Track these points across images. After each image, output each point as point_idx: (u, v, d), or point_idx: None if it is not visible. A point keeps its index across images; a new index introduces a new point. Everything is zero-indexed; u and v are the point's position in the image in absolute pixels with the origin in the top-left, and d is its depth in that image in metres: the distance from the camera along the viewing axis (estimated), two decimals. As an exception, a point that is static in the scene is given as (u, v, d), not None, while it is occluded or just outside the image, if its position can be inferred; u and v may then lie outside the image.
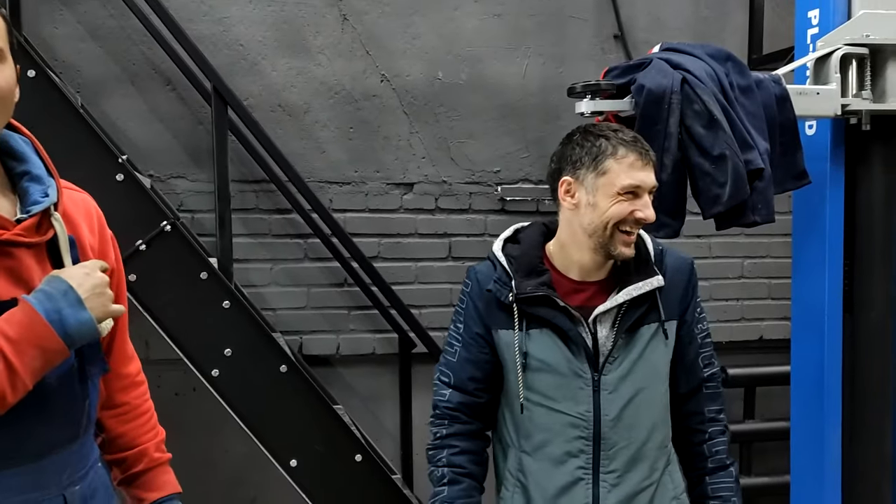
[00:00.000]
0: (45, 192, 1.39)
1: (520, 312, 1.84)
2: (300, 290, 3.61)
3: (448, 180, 3.73)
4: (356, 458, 2.92)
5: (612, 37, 3.77)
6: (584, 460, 1.82)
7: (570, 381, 1.82)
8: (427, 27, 3.66)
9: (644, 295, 1.80)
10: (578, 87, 2.27)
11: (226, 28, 3.47)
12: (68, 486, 1.44)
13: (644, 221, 1.76)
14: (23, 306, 1.26)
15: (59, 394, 1.40)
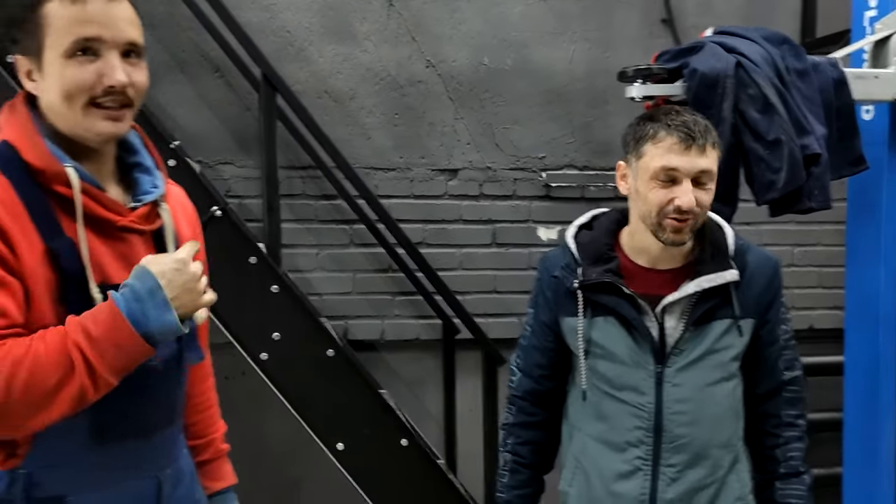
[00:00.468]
0: (154, 183, 1.45)
1: (585, 299, 1.83)
2: (346, 275, 3.64)
3: (493, 166, 3.72)
4: (402, 443, 2.95)
5: (660, 21, 3.72)
6: (644, 451, 1.81)
7: (632, 370, 1.80)
8: (473, 12, 3.64)
9: (717, 288, 1.76)
10: (630, 72, 2.24)
11: (273, 15, 3.49)
12: (163, 467, 1.49)
13: (684, 209, 1.69)
14: (109, 304, 1.28)
15: (163, 378, 1.44)
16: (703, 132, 1.71)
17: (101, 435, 1.39)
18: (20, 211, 1.31)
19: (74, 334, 1.26)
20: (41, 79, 1.35)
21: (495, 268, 3.73)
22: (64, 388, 1.25)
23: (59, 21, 1.32)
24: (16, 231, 1.30)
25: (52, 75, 1.33)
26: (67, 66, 1.32)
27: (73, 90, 1.32)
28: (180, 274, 1.32)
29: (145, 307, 1.28)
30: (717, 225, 1.85)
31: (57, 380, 1.24)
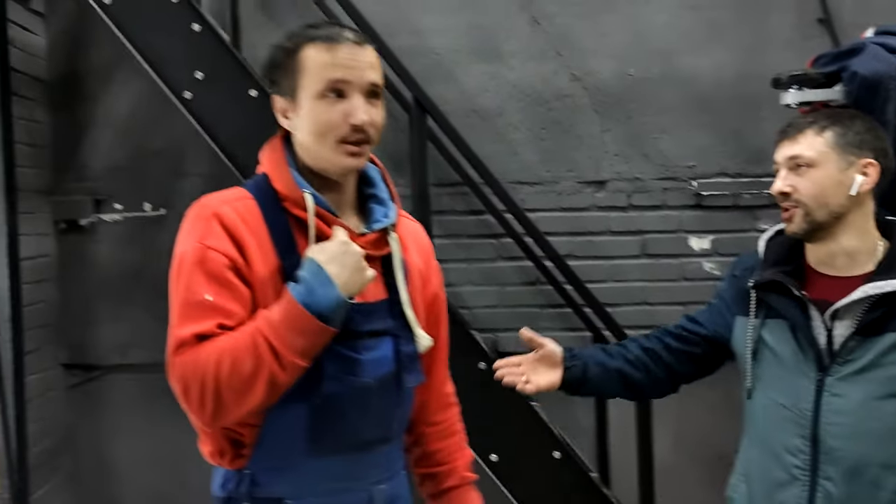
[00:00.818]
0: (386, 213, 1.60)
1: (758, 300, 1.85)
2: (493, 289, 3.71)
3: (641, 177, 3.69)
4: (554, 455, 2.97)
5: (816, 21, 3.58)
6: (802, 460, 1.77)
7: (794, 375, 1.78)
8: (618, 25, 3.64)
9: (889, 296, 1.69)
10: (784, 78, 2.19)
11: (422, 39, 3.62)
12: (375, 483, 1.60)
13: (778, 195, 1.80)
14: (284, 292, 1.43)
15: (378, 396, 1.56)
16: (800, 124, 1.81)
17: (318, 445, 1.52)
18: (262, 230, 1.49)
19: (260, 323, 1.41)
20: (295, 117, 1.52)
21: (645, 279, 3.69)
22: (258, 374, 1.38)
23: (313, 65, 1.49)
24: (253, 246, 1.47)
25: (305, 114, 1.50)
26: (318, 105, 1.49)
27: (323, 128, 1.49)
28: (345, 255, 1.44)
29: (312, 287, 1.40)
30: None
31: (252, 366, 1.38)
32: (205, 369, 1.38)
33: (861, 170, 1.76)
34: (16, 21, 3.36)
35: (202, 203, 1.53)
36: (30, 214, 3.44)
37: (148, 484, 3.75)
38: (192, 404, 1.41)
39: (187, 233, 1.50)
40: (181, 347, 1.41)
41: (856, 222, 1.78)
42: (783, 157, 1.81)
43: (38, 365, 3.49)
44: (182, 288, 1.44)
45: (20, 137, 3.35)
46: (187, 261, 1.45)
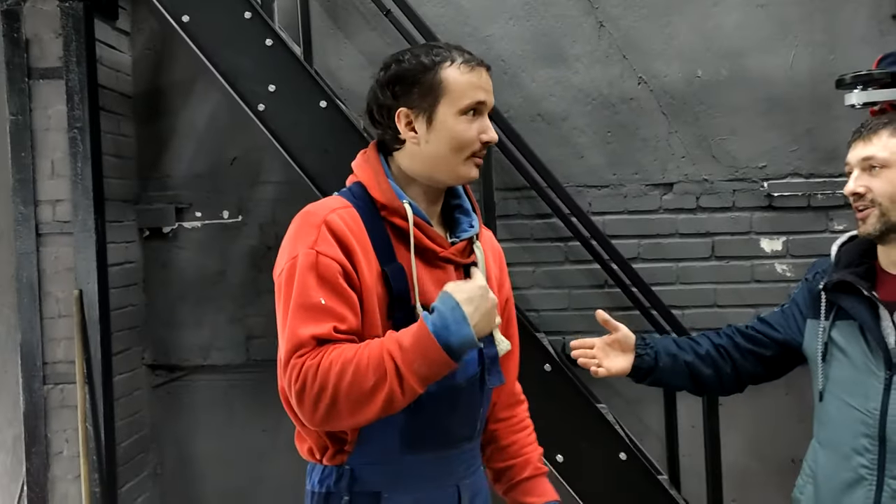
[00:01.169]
0: (471, 223, 1.71)
1: (828, 302, 1.87)
2: (562, 291, 3.73)
3: (709, 178, 3.66)
4: (620, 456, 2.98)
5: (891, 17, 3.49)
6: (869, 460, 1.77)
7: (862, 375, 1.79)
8: (685, 26, 3.63)
9: None
10: (848, 78, 2.19)
11: (489, 46, 3.68)
12: (463, 478, 1.70)
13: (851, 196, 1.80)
14: (419, 322, 1.50)
15: (466, 395, 1.66)
16: (874, 124, 1.77)
17: (413, 442, 1.62)
18: (365, 237, 1.58)
19: (390, 345, 1.48)
20: (425, 130, 1.61)
21: (714, 281, 3.66)
22: (378, 390, 1.46)
23: (457, 85, 1.60)
24: (360, 254, 1.56)
25: (445, 128, 1.60)
26: (460, 122, 1.60)
27: (462, 143, 1.60)
28: (483, 299, 1.52)
29: (447, 322, 1.47)
30: None
31: (373, 382, 1.46)
32: (327, 375, 1.46)
33: None
34: (103, 40, 3.55)
35: (310, 211, 1.60)
36: (117, 223, 3.63)
37: (226, 480, 3.91)
38: (304, 405, 1.48)
39: (297, 239, 1.56)
40: (301, 349, 1.49)
41: None
42: (856, 158, 1.81)
43: (126, 365, 3.67)
44: (296, 291, 1.51)
45: (108, 150, 3.54)
46: (300, 265, 1.52)
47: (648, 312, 3.54)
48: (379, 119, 1.67)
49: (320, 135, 2.94)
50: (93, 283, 3.34)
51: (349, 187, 1.68)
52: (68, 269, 3.43)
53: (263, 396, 3.79)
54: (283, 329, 1.53)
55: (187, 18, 2.96)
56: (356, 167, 1.69)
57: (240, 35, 2.95)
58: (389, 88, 1.63)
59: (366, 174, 1.66)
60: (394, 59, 1.66)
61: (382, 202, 1.62)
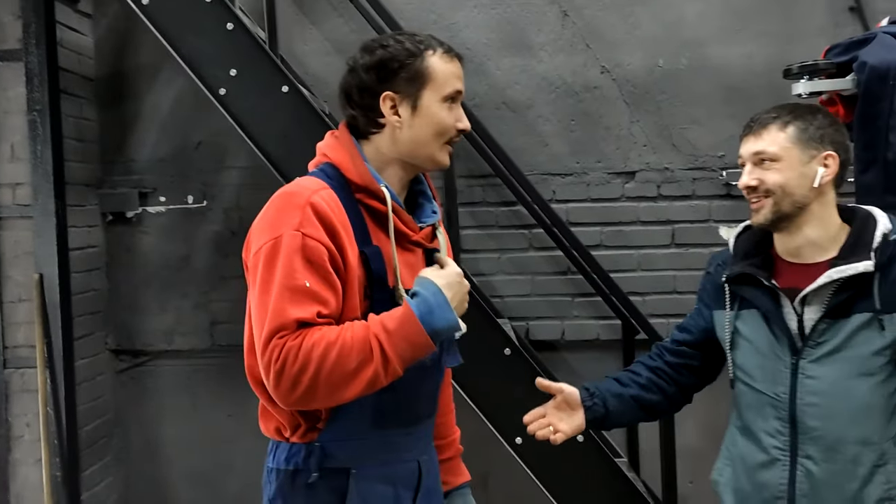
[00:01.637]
0: (433, 209, 1.76)
1: (732, 293, 1.93)
2: (525, 278, 3.78)
3: (670, 167, 3.72)
4: (578, 439, 3.02)
5: (848, 9, 3.56)
6: (782, 441, 1.84)
7: (770, 361, 1.85)
8: (647, 16, 3.67)
9: (856, 280, 1.76)
10: (795, 68, 2.24)
11: (454, 34, 3.70)
12: (422, 454, 1.76)
13: (745, 189, 1.86)
14: (404, 306, 1.55)
15: (430, 374, 1.72)
16: (764, 119, 1.84)
17: (384, 419, 1.66)
18: (345, 219, 1.60)
19: (375, 328, 1.53)
20: (409, 115, 1.65)
21: (675, 268, 3.72)
22: (361, 372, 1.51)
23: (441, 73, 1.64)
24: (344, 237, 1.59)
25: (428, 114, 1.64)
26: (442, 109, 1.65)
27: (442, 129, 1.65)
28: (460, 286, 1.61)
29: (431, 307, 1.53)
30: (870, 216, 1.84)
31: (357, 364, 1.51)
32: (309, 355, 1.49)
33: (822, 162, 1.82)
34: (64, 23, 3.53)
35: (292, 191, 1.60)
36: (79, 207, 3.61)
37: (191, 464, 3.92)
38: (281, 385, 1.50)
39: (279, 219, 1.57)
40: (283, 330, 1.50)
41: (819, 212, 1.83)
42: (748, 153, 1.87)
43: (89, 350, 3.66)
44: (281, 273, 1.52)
45: (70, 134, 3.52)
46: (285, 246, 1.53)
47: (610, 298, 3.60)
48: (359, 101, 1.68)
49: (282, 119, 2.94)
50: (53, 268, 3.33)
51: (321, 168, 1.69)
52: (28, 253, 3.42)
53: (228, 381, 3.81)
54: (260, 309, 1.54)
55: (147, 1, 2.95)
56: (328, 148, 1.70)
57: (200, 18, 2.93)
58: (375, 72, 1.65)
59: (341, 156, 1.67)
60: (378, 44, 1.67)
61: (360, 184, 1.64)
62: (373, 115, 1.67)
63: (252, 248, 1.59)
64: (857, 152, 2.12)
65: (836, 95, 2.24)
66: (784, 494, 1.83)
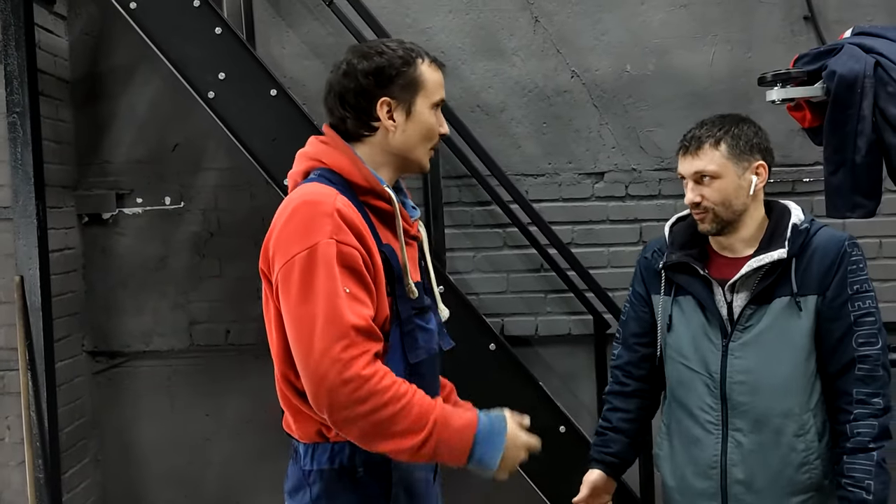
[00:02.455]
0: (413, 206, 1.85)
1: (668, 279, 2.12)
2: (500, 275, 3.89)
3: (637, 168, 3.87)
4: (560, 430, 3.15)
5: (802, 18, 3.76)
6: (714, 416, 2.04)
7: (703, 343, 2.05)
8: (614, 23, 3.82)
9: (775, 267, 1.96)
10: (769, 76, 2.38)
11: (429, 38, 3.79)
12: None
13: (690, 205, 2.04)
14: (473, 418, 1.65)
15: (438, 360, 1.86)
16: (697, 138, 2.04)
17: None
18: (363, 223, 1.67)
19: (439, 412, 1.61)
20: (403, 120, 1.73)
21: (643, 265, 3.86)
22: (405, 437, 1.58)
23: (431, 81, 1.75)
24: (369, 240, 1.67)
25: (420, 120, 1.74)
26: (431, 115, 1.75)
27: (430, 134, 1.76)
28: (518, 451, 1.71)
29: (491, 437, 1.64)
30: (786, 210, 2.06)
31: (406, 428, 1.58)
32: (375, 390, 1.55)
33: (755, 171, 2.04)
34: (41, 24, 3.52)
35: (315, 200, 1.63)
36: (56, 209, 3.61)
37: (169, 465, 3.93)
38: (336, 398, 1.54)
39: (309, 228, 1.60)
40: (343, 339, 1.55)
41: (753, 213, 2.05)
42: (688, 172, 2.06)
43: (67, 352, 3.66)
44: (323, 281, 1.56)
45: (47, 135, 3.51)
46: (322, 255, 1.57)
47: (582, 294, 3.72)
48: (355, 105, 1.73)
49: (271, 122, 3.00)
50: (34, 270, 3.32)
51: (320, 173, 1.72)
52: (7, 256, 3.41)
53: (206, 381, 3.84)
54: (304, 319, 1.57)
55: (135, 6, 2.98)
56: (323, 154, 1.74)
57: (189, 23, 2.98)
58: (374, 77, 1.71)
59: (341, 161, 1.72)
60: (375, 50, 1.74)
61: (366, 187, 1.70)
62: (366, 119, 1.73)
63: (280, 259, 1.62)
64: (827, 154, 2.28)
65: (803, 101, 2.39)
66: (717, 464, 2.03)
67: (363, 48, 1.77)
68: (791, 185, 3.78)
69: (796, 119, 2.49)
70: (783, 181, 3.77)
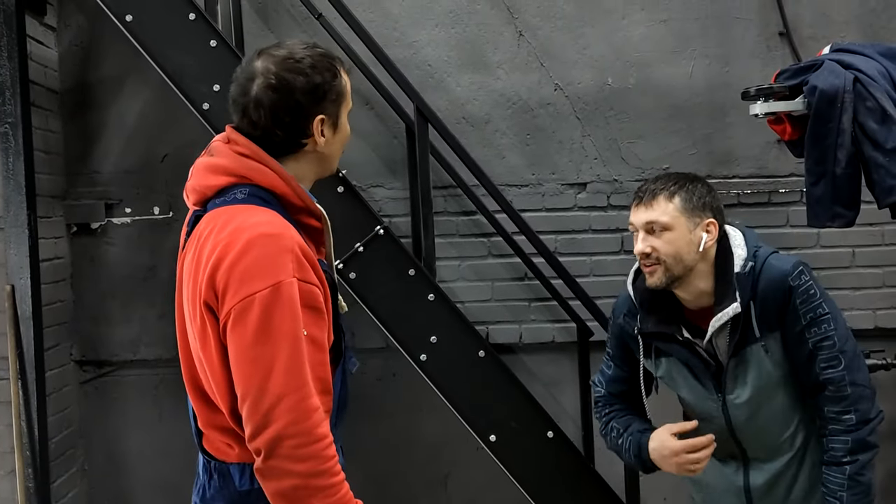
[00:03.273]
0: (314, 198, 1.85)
1: (646, 345, 2.18)
2: (485, 284, 3.96)
3: (619, 179, 3.96)
4: (548, 435, 3.22)
5: (778, 34, 3.88)
6: (733, 450, 2.18)
7: (702, 399, 2.16)
8: (597, 37, 3.91)
9: (736, 319, 2.03)
10: (752, 91, 2.47)
11: (416, 51, 3.87)
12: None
13: (641, 256, 2.08)
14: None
15: None
16: (651, 190, 2.06)
17: (337, 423, 1.76)
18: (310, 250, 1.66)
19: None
20: (332, 134, 1.71)
21: (624, 273, 3.89)
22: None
23: (348, 90, 1.74)
24: (318, 268, 1.64)
25: (343, 130, 1.75)
26: (347, 123, 1.76)
27: (347, 140, 1.78)
28: None
29: None
30: (728, 252, 2.09)
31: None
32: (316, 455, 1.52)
33: (705, 228, 2.08)
34: (31, 35, 3.53)
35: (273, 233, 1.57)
36: (46, 219, 3.61)
37: (157, 475, 3.94)
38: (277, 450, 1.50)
39: (271, 265, 1.53)
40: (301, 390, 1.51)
41: (704, 269, 2.09)
42: (640, 222, 2.09)
43: (55, 361, 3.66)
44: (286, 323, 1.52)
45: (37, 145, 3.52)
46: (286, 295, 1.52)
47: (566, 302, 3.79)
48: (288, 122, 1.65)
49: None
50: (26, 279, 3.33)
51: (251, 192, 1.64)
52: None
53: (195, 390, 3.85)
54: (260, 359, 1.52)
55: (130, 18, 3.02)
56: (253, 171, 1.64)
57: (184, 36, 3.02)
58: (310, 95, 1.65)
59: (274, 180, 1.64)
60: (304, 64, 1.65)
61: (300, 206, 1.66)
62: (298, 136, 1.67)
63: (235, 295, 1.53)
64: (808, 166, 2.38)
65: (784, 115, 2.49)
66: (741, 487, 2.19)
67: (286, 58, 1.66)
68: (767, 195, 3.89)
69: (777, 132, 2.58)
70: (760, 192, 3.88)
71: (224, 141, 1.74)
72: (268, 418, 1.50)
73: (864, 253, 3.88)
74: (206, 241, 1.61)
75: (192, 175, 1.75)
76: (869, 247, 3.89)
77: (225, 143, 1.73)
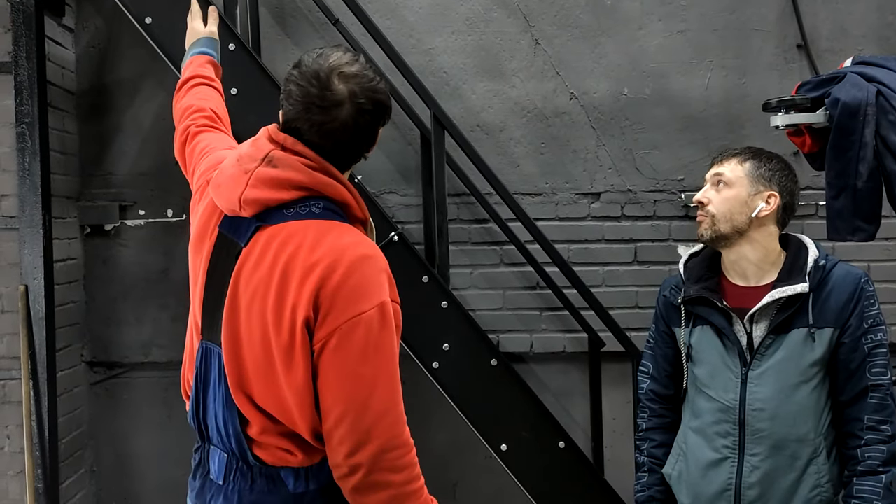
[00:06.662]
0: None
1: (687, 312, 2.23)
2: (497, 292, 3.95)
3: (633, 189, 3.95)
4: (559, 445, 3.21)
5: (795, 46, 3.87)
6: (731, 441, 2.13)
7: (722, 372, 2.14)
8: (613, 47, 3.91)
9: (794, 300, 2.06)
10: (774, 102, 2.45)
11: (431, 58, 3.87)
12: None
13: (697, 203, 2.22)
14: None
15: None
16: (731, 150, 2.24)
17: None
18: None
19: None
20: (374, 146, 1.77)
21: (637, 284, 3.95)
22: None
23: None
24: None
25: None
26: None
27: None
28: None
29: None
30: (802, 245, 2.17)
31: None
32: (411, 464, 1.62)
33: (765, 199, 2.16)
34: (50, 36, 3.55)
35: (371, 254, 1.63)
36: (60, 220, 3.62)
37: (166, 477, 3.93)
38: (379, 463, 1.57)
39: (374, 285, 1.60)
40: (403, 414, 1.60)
41: (758, 238, 2.16)
42: (710, 175, 2.23)
43: (66, 362, 3.66)
44: (390, 346, 1.60)
45: (52, 146, 3.53)
46: (388, 315, 1.60)
47: (577, 312, 3.78)
48: (369, 142, 1.73)
49: (281, 138, 3.04)
50: (39, 280, 3.34)
51: (325, 206, 1.67)
52: (11, 265, 3.42)
53: (205, 393, 3.84)
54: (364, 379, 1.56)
55: (150, 20, 3.03)
56: (325, 185, 1.66)
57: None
58: (387, 116, 1.74)
59: (346, 194, 1.69)
60: (380, 87, 1.71)
61: (362, 218, 1.74)
62: (365, 152, 1.75)
63: (340, 315, 1.56)
64: (829, 179, 2.35)
65: (804, 127, 2.47)
66: (732, 487, 2.13)
67: (368, 81, 1.69)
68: (783, 208, 3.87)
69: (796, 144, 2.56)
70: (775, 204, 3.86)
71: (279, 148, 1.70)
72: (370, 434, 1.56)
73: (880, 268, 3.85)
74: (296, 258, 1.60)
75: (250, 185, 1.65)
76: (885, 262, 3.87)
77: (286, 153, 1.68)
